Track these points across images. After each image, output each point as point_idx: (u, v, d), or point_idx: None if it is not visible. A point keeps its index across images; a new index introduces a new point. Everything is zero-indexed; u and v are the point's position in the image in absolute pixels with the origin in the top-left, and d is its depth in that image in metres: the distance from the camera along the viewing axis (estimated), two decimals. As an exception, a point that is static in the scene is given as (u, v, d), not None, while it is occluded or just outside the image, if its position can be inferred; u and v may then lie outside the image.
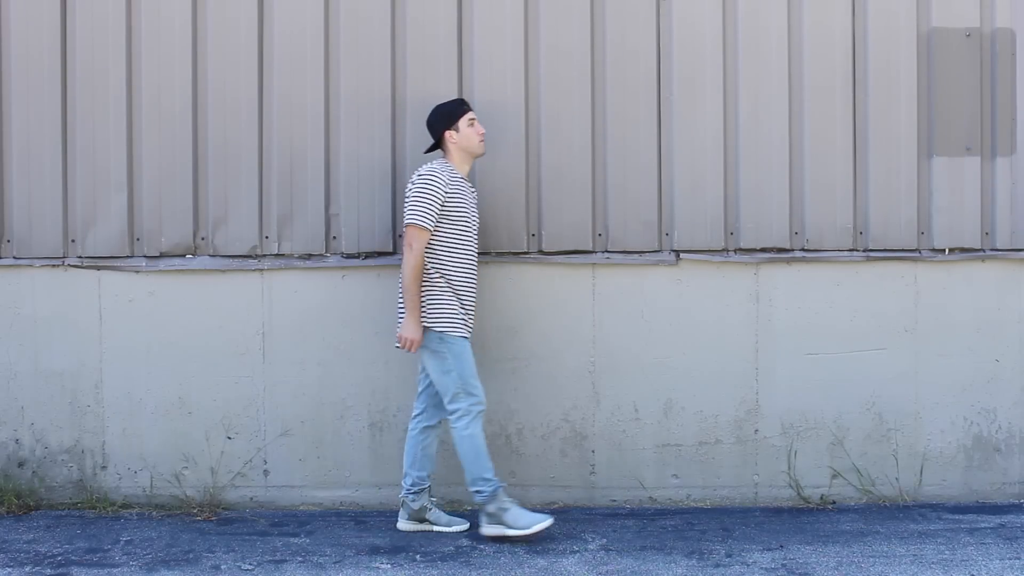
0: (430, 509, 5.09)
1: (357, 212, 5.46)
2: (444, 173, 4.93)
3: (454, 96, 5.42)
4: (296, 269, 5.45)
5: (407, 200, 4.91)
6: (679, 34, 5.49)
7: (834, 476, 5.53)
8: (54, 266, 5.48)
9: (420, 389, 5.10)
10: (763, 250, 5.47)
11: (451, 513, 5.22)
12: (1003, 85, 5.53)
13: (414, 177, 4.94)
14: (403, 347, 4.89)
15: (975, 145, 5.52)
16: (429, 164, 4.97)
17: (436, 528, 5.08)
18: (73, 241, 5.45)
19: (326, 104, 5.46)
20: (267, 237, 5.46)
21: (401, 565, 4.62)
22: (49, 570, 4.58)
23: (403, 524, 5.11)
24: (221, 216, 5.45)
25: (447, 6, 5.47)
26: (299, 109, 5.45)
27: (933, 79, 5.52)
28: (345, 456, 5.49)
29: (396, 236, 5.46)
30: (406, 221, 4.88)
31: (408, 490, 5.07)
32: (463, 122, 5.03)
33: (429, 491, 5.10)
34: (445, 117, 5.03)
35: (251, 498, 5.51)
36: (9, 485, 5.45)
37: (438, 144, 5.09)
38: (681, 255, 5.48)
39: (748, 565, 4.60)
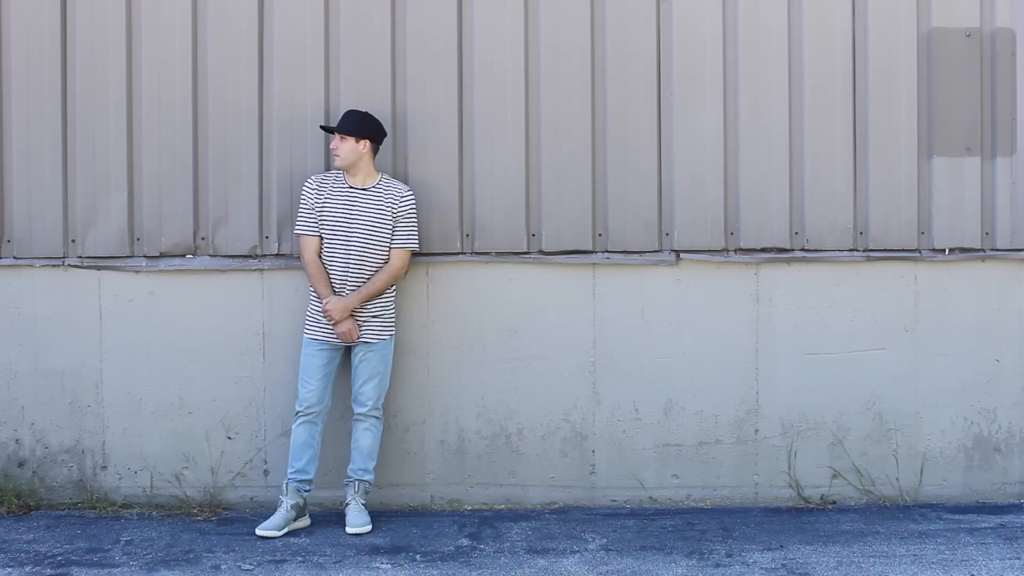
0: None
1: (357, 212, 5.45)
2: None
3: (456, 96, 5.43)
4: (296, 269, 5.45)
5: (411, 221, 5.22)
6: (679, 34, 5.48)
7: (834, 476, 5.53)
8: (54, 266, 5.47)
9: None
10: (763, 250, 5.47)
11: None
12: (1003, 85, 5.53)
13: (408, 196, 5.19)
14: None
15: (975, 145, 5.51)
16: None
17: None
18: (73, 241, 5.45)
19: (326, 104, 5.45)
20: (267, 237, 5.46)
21: (401, 565, 4.62)
22: (49, 570, 4.58)
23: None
24: (221, 216, 5.45)
25: (447, 6, 5.47)
26: (299, 109, 5.45)
27: (933, 79, 5.51)
28: (345, 456, 5.48)
29: (396, 236, 5.46)
30: (412, 244, 5.25)
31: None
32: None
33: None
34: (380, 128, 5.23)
35: (251, 498, 5.50)
36: (9, 485, 5.45)
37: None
38: (681, 255, 5.48)
39: (748, 565, 4.60)
